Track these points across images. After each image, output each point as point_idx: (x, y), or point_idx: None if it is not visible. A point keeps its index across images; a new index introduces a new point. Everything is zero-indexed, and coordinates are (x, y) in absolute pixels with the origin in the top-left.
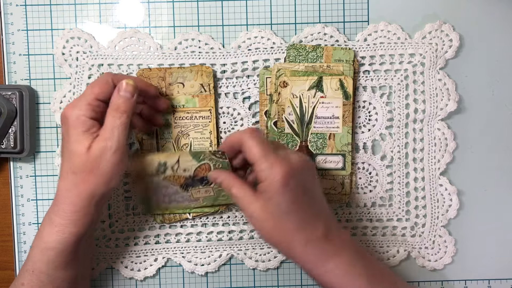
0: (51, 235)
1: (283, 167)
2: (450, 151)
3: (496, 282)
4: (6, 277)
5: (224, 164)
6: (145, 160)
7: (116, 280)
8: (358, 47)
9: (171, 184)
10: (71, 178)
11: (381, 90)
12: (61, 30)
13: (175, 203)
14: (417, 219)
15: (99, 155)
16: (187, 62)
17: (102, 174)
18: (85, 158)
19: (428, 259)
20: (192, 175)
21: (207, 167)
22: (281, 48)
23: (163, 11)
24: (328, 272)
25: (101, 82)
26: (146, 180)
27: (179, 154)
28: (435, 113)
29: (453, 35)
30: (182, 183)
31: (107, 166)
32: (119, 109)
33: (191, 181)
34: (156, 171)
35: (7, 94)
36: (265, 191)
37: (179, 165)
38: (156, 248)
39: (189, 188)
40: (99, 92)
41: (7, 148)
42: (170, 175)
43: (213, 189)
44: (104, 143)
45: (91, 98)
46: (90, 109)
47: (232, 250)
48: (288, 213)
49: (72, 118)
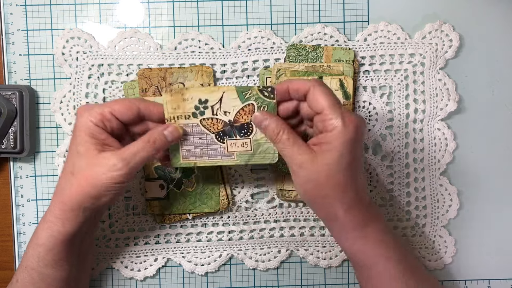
0: (42, 231)
1: (356, 121)
2: (450, 151)
3: (496, 282)
4: (6, 277)
5: (270, 106)
6: (183, 96)
7: (116, 280)
8: (358, 47)
9: (206, 131)
10: (68, 177)
11: (381, 90)
12: (61, 30)
13: (206, 158)
14: (417, 219)
15: (104, 168)
16: (187, 62)
17: (97, 186)
18: (88, 163)
19: (428, 259)
20: (232, 120)
21: (251, 109)
22: (281, 48)
23: (163, 11)
24: (362, 237)
25: (124, 103)
26: (179, 122)
27: (223, 90)
28: (435, 113)
29: (453, 35)
30: (219, 129)
31: (105, 181)
32: (154, 143)
33: (230, 128)
34: (195, 110)
35: (7, 94)
36: (328, 142)
37: (221, 105)
38: (156, 248)
39: (225, 138)
40: (117, 110)
41: (7, 148)
42: (208, 118)
43: (251, 142)
44: (116, 162)
45: (107, 110)
46: (100, 119)
47: (232, 250)
48: (345, 169)
49: (81, 119)
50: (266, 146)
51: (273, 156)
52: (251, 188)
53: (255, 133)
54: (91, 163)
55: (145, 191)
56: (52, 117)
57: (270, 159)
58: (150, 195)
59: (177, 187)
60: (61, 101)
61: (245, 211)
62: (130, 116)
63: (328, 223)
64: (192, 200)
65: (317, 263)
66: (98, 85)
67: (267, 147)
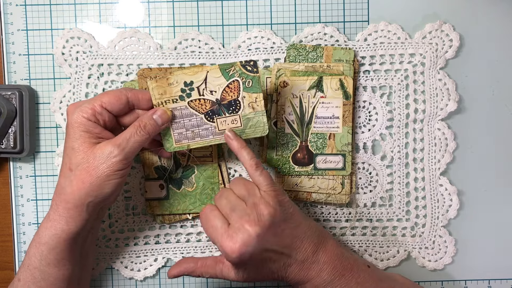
0: (45, 230)
1: (231, 248)
2: (450, 151)
3: (496, 282)
4: (6, 277)
5: (254, 80)
6: (168, 80)
7: (116, 280)
8: (358, 47)
9: (195, 112)
10: (67, 174)
11: (381, 90)
12: (61, 30)
13: (198, 139)
14: (417, 219)
15: (102, 157)
16: (187, 62)
17: (98, 177)
18: (85, 156)
19: (428, 259)
20: (220, 99)
21: (236, 85)
22: (281, 48)
23: (163, 11)
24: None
25: (113, 94)
26: (167, 107)
27: (207, 70)
28: (435, 113)
29: (453, 35)
30: (207, 109)
31: (105, 170)
32: (145, 127)
33: (218, 107)
34: (181, 93)
35: (7, 94)
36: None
37: (206, 85)
38: (156, 248)
39: (215, 117)
40: (106, 102)
41: (7, 148)
42: (196, 99)
43: (240, 117)
44: (111, 149)
45: (97, 104)
46: (92, 113)
47: None
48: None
49: (73, 116)
50: (256, 120)
51: (263, 128)
52: None
53: (243, 109)
54: (88, 156)
55: (145, 191)
56: (52, 117)
57: (261, 132)
58: (150, 195)
59: (177, 187)
60: (61, 101)
61: None
62: (120, 106)
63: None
64: (192, 200)
65: None
66: (98, 85)
67: (257, 121)
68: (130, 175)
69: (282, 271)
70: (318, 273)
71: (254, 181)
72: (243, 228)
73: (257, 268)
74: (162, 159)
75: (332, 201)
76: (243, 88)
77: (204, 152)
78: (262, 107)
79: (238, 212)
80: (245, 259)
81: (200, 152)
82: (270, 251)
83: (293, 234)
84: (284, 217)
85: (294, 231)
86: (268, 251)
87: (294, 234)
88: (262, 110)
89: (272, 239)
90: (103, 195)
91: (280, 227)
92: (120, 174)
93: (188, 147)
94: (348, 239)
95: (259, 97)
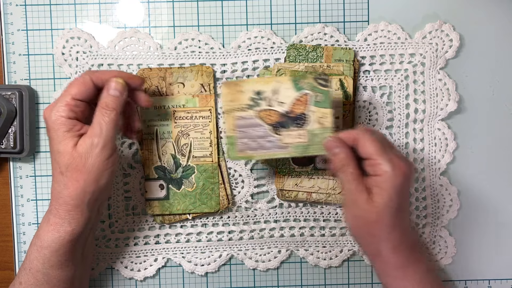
0: (47, 234)
1: (405, 167)
2: (451, 151)
3: (496, 282)
4: (6, 277)
5: (325, 94)
6: (238, 88)
7: (116, 280)
8: (358, 47)
9: (262, 122)
10: (59, 179)
11: (381, 90)
12: (61, 30)
13: (261, 150)
14: (418, 219)
15: (86, 151)
16: (187, 62)
17: (90, 172)
18: (71, 157)
19: (429, 259)
20: (288, 111)
21: (306, 99)
22: (281, 48)
23: (163, 11)
24: (402, 278)
25: (78, 82)
26: (235, 115)
27: (278, 80)
28: (435, 113)
29: (453, 35)
30: (274, 121)
31: (94, 162)
32: (108, 106)
33: (285, 119)
34: (250, 102)
35: (7, 94)
36: (379, 186)
37: (275, 96)
38: (156, 248)
39: (281, 130)
40: (76, 92)
41: (7, 148)
42: (263, 110)
43: (308, 133)
44: (90, 140)
45: (69, 98)
46: (68, 109)
47: (232, 250)
48: (394, 211)
49: (51, 119)
50: (323, 136)
51: None
52: (251, 188)
53: (311, 123)
54: (73, 155)
55: (145, 191)
56: None
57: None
58: (150, 195)
59: (177, 187)
60: None
61: (245, 211)
62: (89, 91)
63: (372, 258)
64: (192, 200)
65: (317, 263)
66: None
67: (324, 137)
68: (130, 175)
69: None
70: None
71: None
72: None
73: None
74: (163, 159)
75: (332, 201)
76: (313, 102)
77: (204, 152)
78: (330, 123)
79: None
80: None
81: (200, 152)
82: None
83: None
84: None
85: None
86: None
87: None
88: (330, 127)
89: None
90: (100, 188)
91: None
92: (110, 163)
93: (251, 158)
94: (348, 239)
95: (328, 113)
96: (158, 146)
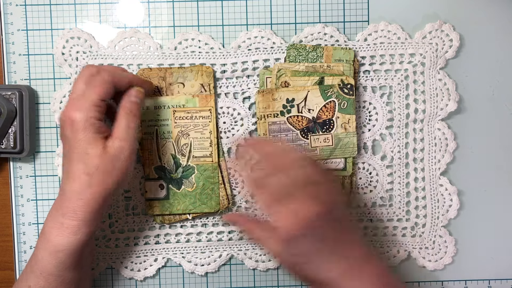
0: (62, 238)
1: (290, 220)
2: (451, 151)
3: (496, 282)
4: (6, 277)
5: (349, 102)
6: (273, 96)
7: (116, 280)
8: (358, 47)
9: (292, 127)
10: (84, 179)
11: (381, 90)
12: (61, 30)
13: None
14: (417, 219)
15: (116, 155)
16: (187, 62)
17: (118, 175)
18: (101, 159)
19: (429, 259)
20: (316, 117)
21: (332, 105)
22: (281, 48)
23: (163, 11)
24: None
25: (101, 82)
26: (268, 121)
27: (308, 89)
28: (435, 113)
29: (454, 35)
30: (303, 126)
31: (122, 166)
32: (132, 112)
33: (313, 124)
34: (282, 109)
35: (7, 94)
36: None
37: (305, 103)
38: (156, 248)
39: (309, 134)
40: (103, 93)
41: (7, 148)
42: (294, 116)
43: (333, 136)
44: (120, 144)
45: (96, 99)
46: (96, 110)
47: (232, 250)
48: (302, 256)
49: (81, 121)
50: (347, 140)
51: (352, 149)
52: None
53: (336, 128)
54: (103, 158)
55: (145, 191)
56: (52, 117)
57: (350, 152)
58: (150, 195)
59: (177, 187)
60: (61, 101)
61: (245, 211)
62: (111, 92)
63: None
64: (192, 200)
65: None
66: None
67: (348, 141)
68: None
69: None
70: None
71: None
72: None
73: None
74: (163, 159)
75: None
76: (338, 109)
77: (204, 152)
78: (354, 129)
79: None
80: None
81: (200, 152)
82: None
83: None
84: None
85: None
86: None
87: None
88: (353, 132)
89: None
90: (118, 190)
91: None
92: (132, 167)
93: None
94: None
95: (352, 118)
96: (158, 146)
